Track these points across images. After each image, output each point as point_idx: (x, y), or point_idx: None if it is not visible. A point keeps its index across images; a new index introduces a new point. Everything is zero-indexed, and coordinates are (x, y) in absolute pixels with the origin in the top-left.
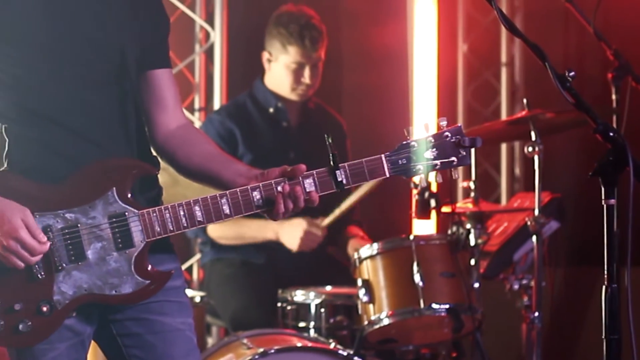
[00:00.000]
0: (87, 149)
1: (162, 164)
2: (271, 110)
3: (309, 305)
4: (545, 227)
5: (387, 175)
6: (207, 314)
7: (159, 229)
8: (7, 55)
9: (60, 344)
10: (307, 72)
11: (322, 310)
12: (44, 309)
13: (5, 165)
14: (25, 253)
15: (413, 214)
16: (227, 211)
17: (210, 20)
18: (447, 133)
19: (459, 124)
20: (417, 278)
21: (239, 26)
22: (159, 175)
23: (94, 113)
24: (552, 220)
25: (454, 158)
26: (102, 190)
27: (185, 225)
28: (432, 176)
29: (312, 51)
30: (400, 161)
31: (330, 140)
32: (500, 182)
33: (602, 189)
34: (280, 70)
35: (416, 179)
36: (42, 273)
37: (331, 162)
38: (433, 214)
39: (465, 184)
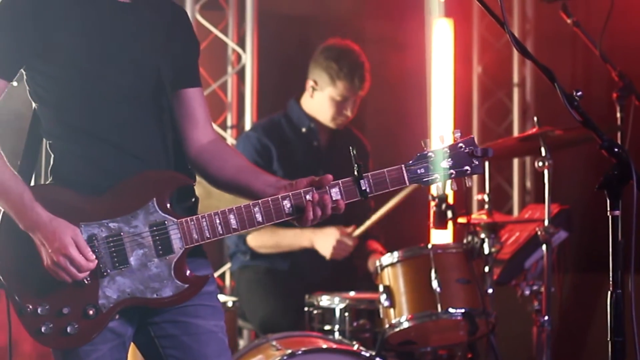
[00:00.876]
0: (128, 163)
1: (197, 177)
2: (304, 129)
3: (333, 309)
4: (555, 237)
5: (407, 184)
6: (238, 317)
7: (196, 236)
8: (51, 75)
9: (103, 345)
10: (349, 105)
11: (346, 314)
12: (90, 312)
13: (50, 179)
14: (73, 269)
15: (431, 225)
16: (260, 219)
17: (241, 43)
18: (461, 144)
19: (472, 136)
20: (434, 284)
21: (268, 49)
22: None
23: (134, 129)
24: (560, 230)
25: (467, 167)
26: (143, 201)
27: (220, 232)
28: (448, 185)
29: (359, 89)
30: (418, 170)
31: (354, 152)
32: (513, 194)
33: (608, 201)
34: (324, 100)
35: (433, 190)
36: (88, 278)
37: (356, 172)
38: (450, 224)
39: (479, 196)
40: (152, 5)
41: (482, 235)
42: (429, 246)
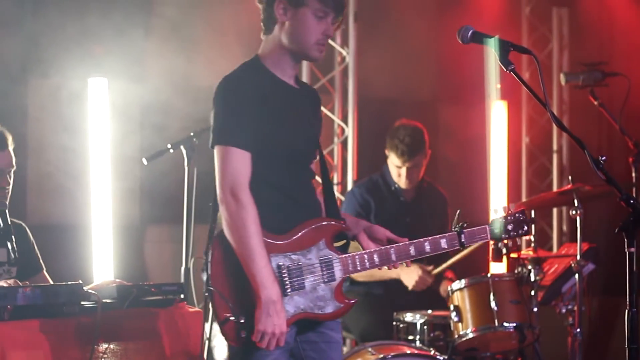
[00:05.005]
0: (301, 210)
1: None
2: (393, 188)
3: (415, 323)
4: (585, 268)
5: (489, 239)
6: (342, 329)
7: (351, 268)
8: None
9: (275, 350)
10: (405, 172)
11: (425, 327)
12: None
13: None
14: (274, 343)
15: (490, 258)
16: (394, 258)
17: (345, 119)
18: (518, 214)
19: (525, 208)
20: (493, 304)
21: (366, 124)
22: None
23: (303, 183)
24: (589, 263)
25: (521, 231)
26: (315, 240)
27: (367, 266)
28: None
29: (407, 162)
30: (495, 230)
31: (459, 214)
32: (552, 235)
33: (626, 240)
34: (392, 167)
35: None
36: None
37: (457, 229)
38: (504, 258)
39: (527, 237)
40: (307, 90)
41: (529, 267)
42: (489, 275)
